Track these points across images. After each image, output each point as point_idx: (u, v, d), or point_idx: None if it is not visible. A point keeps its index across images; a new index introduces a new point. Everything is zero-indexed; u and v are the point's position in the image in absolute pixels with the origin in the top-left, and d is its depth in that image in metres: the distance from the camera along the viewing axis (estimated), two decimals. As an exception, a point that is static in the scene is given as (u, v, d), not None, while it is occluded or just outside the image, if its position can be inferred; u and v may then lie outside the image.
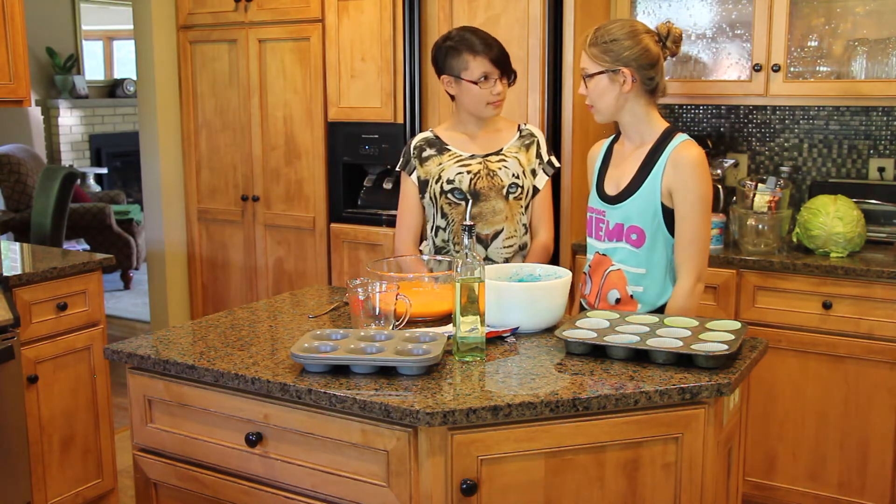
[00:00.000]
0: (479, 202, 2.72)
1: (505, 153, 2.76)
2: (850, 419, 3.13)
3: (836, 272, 3.06)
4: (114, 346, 2.20)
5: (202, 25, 4.35)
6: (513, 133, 2.80)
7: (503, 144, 2.78)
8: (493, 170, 2.72)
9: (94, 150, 9.13)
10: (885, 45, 3.32)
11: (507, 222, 2.74)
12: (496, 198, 2.72)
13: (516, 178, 2.73)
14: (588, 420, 1.83)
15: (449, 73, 2.70)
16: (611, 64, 2.31)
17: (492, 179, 2.72)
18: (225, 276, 4.50)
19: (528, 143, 2.80)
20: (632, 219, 2.37)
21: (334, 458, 1.90)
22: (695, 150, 2.32)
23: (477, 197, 2.72)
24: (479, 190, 2.72)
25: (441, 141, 2.80)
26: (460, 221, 2.74)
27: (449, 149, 2.78)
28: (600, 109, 2.38)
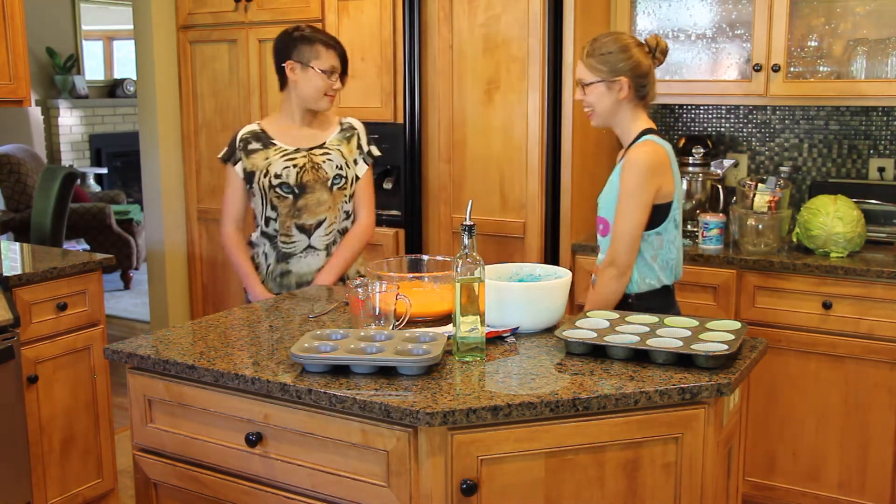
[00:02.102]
0: (305, 194, 2.87)
1: (328, 146, 2.92)
2: (850, 419, 3.13)
3: (836, 272, 3.06)
4: (114, 346, 2.20)
5: (202, 25, 4.35)
6: (334, 127, 2.97)
7: (326, 138, 2.93)
8: (318, 163, 2.88)
9: (94, 150, 9.13)
10: (885, 45, 3.32)
11: (330, 212, 2.92)
12: (321, 190, 2.89)
13: (340, 169, 2.90)
14: (588, 420, 1.83)
15: (298, 59, 2.82)
16: (607, 74, 2.51)
17: (317, 172, 2.87)
18: (225, 276, 4.49)
19: (348, 136, 2.96)
20: (600, 211, 2.60)
21: (334, 458, 1.90)
22: (645, 148, 2.50)
23: (304, 190, 2.87)
24: (306, 183, 2.87)
25: (267, 135, 2.92)
26: (287, 214, 2.89)
27: (274, 143, 2.90)
28: (598, 114, 2.58)
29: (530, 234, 3.59)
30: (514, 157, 3.59)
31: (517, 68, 3.53)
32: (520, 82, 3.53)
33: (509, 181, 3.62)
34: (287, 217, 2.89)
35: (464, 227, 2.03)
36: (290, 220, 2.89)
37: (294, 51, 2.83)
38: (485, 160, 3.66)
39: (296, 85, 2.85)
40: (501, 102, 3.59)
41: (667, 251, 2.55)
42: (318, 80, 2.83)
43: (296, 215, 2.89)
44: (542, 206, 3.55)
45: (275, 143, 2.90)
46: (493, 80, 3.59)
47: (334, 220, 2.93)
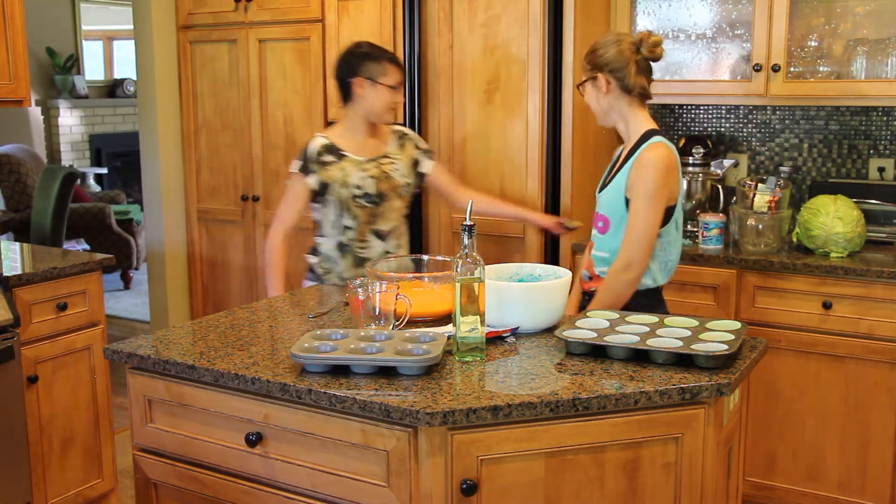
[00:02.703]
0: (383, 203, 3.00)
1: (391, 155, 3.04)
2: (850, 419, 3.13)
3: (836, 272, 3.06)
4: (114, 346, 2.20)
5: (202, 25, 4.35)
6: (389, 136, 3.08)
7: (387, 148, 3.05)
8: (388, 172, 3.01)
9: (94, 150, 9.13)
10: (885, 45, 3.32)
11: (399, 221, 3.09)
12: (394, 197, 3.03)
13: (405, 177, 3.04)
14: (588, 420, 1.83)
15: (366, 75, 2.93)
16: (590, 71, 2.57)
17: (390, 181, 3.01)
18: (225, 276, 4.50)
19: (403, 143, 3.09)
20: (601, 208, 2.60)
21: (334, 458, 1.90)
22: (659, 151, 2.49)
23: (382, 198, 3.00)
24: (383, 192, 3.00)
25: (337, 148, 3.00)
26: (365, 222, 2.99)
27: (346, 155, 2.99)
28: (596, 113, 2.63)
29: (530, 234, 3.59)
30: (514, 157, 3.59)
31: (517, 68, 3.53)
32: (520, 82, 3.53)
33: (509, 181, 3.62)
34: (365, 224, 3.00)
35: (464, 227, 2.03)
36: (368, 227, 3.01)
37: (362, 68, 2.93)
38: (485, 160, 3.66)
39: (364, 100, 2.95)
40: (501, 102, 3.59)
41: (666, 253, 2.56)
42: (387, 95, 2.94)
43: (372, 222, 3.01)
44: (542, 206, 3.55)
45: (346, 154, 2.98)
46: (493, 80, 3.60)
47: (400, 223, 3.09)
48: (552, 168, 3.54)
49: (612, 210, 2.55)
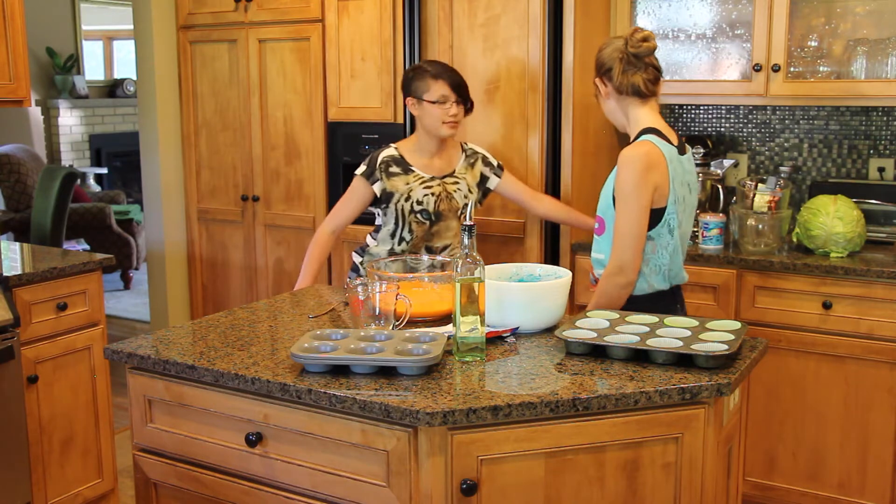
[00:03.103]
0: (440, 222, 3.07)
1: (457, 175, 3.10)
2: (850, 419, 3.13)
3: (836, 272, 3.06)
4: (114, 346, 2.20)
5: (202, 25, 4.35)
6: (459, 154, 3.14)
7: (454, 166, 3.11)
8: (450, 192, 3.07)
9: (94, 150, 9.13)
10: (885, 45, 3.32)
11: (455, 238, 3.13)
12: (452, 218, 3.09)
13: (466, 198, 3.10)
14: (588, 420, 1.83)
15: (413, 95, 3.02)
16: (594, 78, 2.58)
17: (450, 202, 3.07)
18: (225, 276, 4.50)
19: (472, 162, 3.15)
20: (598, 209, 2.59)
21: (334, 458, 1.90)
22: (638, 149, 2.44)
23: (439, 217, 3.06)
24: (441, 211, 3.06)
25: (406, 161, 3.07)
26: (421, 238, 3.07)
27: (413, 170, 3.06)
28: (607, 115, 2.63)
29: (530, 234, 3.59)
30: (513, 157, 3.59)
31: (517, 68, 3.53)
32: (520, 82, 3.53)
33: (509, 181, 3.61)
34: (420, 240, 3.09)
35: (464, 227, 2.03)
36: (423, 242, 3.09)
37: (411, 87, 3.04)
38: (485, 160, 3.66)
39: (419, 119, 3.05)
40: (501, 102, 3.59)
41: (659, 256, 2.48)
42: (434, 111, 2.98)
43: (428, 238, 3.09)
44: (542, 206, 3.55)
45: (413, 169, 3.06)
46: (493, 80, 3.60)
47: (456, 243, 3.13)
48: (552, 168, 3.54)
49: (604, 210, 2.53)
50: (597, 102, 2.65)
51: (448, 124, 3.00)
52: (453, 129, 3.03)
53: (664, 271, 2.51)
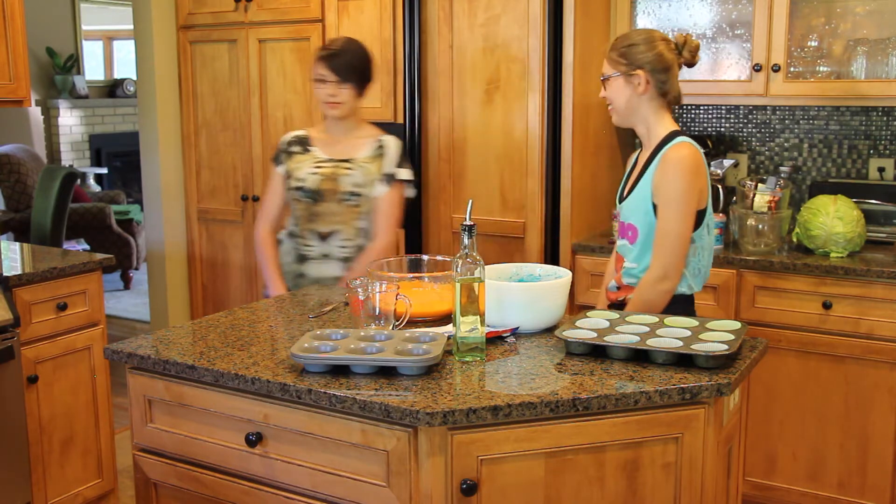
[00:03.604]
0: (321, 202, 2.97)
1: (357, 161, 2.99)
2: (850, 419, 3.13)
3: (836, 272, 3.06)
4: (114, 346, 2.20)
5: (202, 25, 4.35)
6: (371, 144, 3.02)
7: (358, 153, 3.00)
8: (339, 175, 2.96)
9: (94, 150, 9.13)
10: (885, 45, 3.32)
11: (343, 225, 2.99)
12: (333, 201, 2.97)
13: (358, 186, 2.96)
14: (588, 420, 1.83)
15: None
16: (627, 67, 2.43)
17: (335, 184, 2.96)
18: (225, 276, 4.50)
19: (379, 155, 3.01)
20: (629, 217, 2.49)
21: (334, 458, 1.90)
22: (683, 151, 2.39)
23: (320, 197, 2.97)
24: (323, 191, 2.97)
25: (308, 141, 3.06)
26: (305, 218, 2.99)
27: (311, 149, 3.03)
28: (617, 110, 2.50)
29: (530, 234, 3.59)
30: (514, 157, 3.59)
31: (517, 68, 3.53)
32: (520, 82, 3.53)
33: (509, 181, 3.62)
34: (305, 220, 3.00)
35: (464, 227, 2.03)
36: (308, 223, 3.00)
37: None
38: (485, 160, 3.66)
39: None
40: (501, 102, 3.59)
41: (699, 258, 2.47)
42: (318, 91, 2.96)
43: (312, 220, 2.99)
44: (542, 206, 3.55)
45: (312, 149, 3.03)
46: (493, 80, 3.60)
47: (350, 235, 2.99)
48: (552, 168, 3.54)
49: (640, 218, 2.44)
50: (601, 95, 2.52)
51: (328, 105, 2.95)
52: (334, 109, 2.96)
53: (703, 273, 2.51)
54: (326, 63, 2.94)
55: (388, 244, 3.00)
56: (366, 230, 3.00)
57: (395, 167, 3.00)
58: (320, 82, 2.94)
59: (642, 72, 2.41)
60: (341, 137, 3.03)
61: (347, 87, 2.94)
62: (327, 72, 2.93)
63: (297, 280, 3.04)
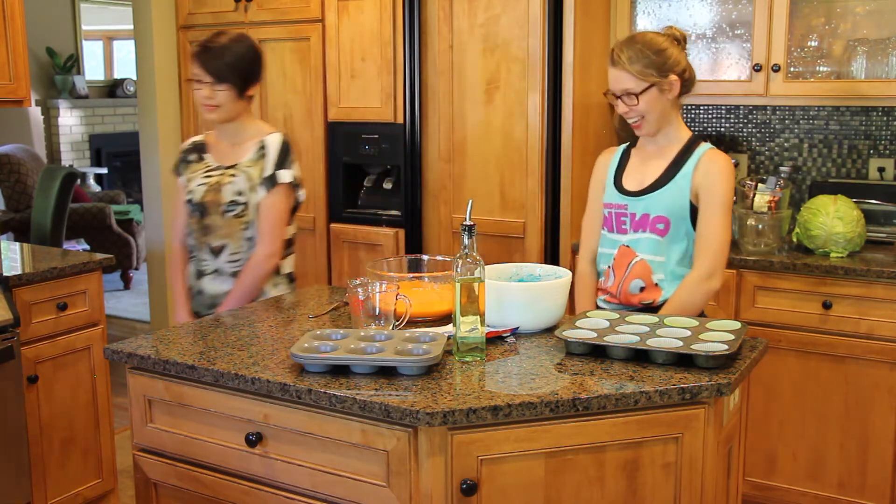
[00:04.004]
0: (207, 215, 2.75)
1: (240, 167, 2.74)
2: (850, 419, 3.13)
3: (836, 272, 3.06)
4: (114, 346, 2.20)
5: (202, 25, 4.35)
6: (254, 145, 2.75)
7: (242, 157, 2.75)
8: (223, 185, 2.72)
9: (94, 150, 9.13)
10: (885, 45, 3.32)
11: (229, 239, 2.74)
12: (216, 214, 2.73)
13: (239, 195, 2.71)
14: (588, 420, 1.83)
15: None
16: (658, 76, 2.39)
17: (217, 195, 2.72)
18: (225, 276, 4.49)
19: (261, 157, 2.73)
20: (657, 210, 2.47)
21: (334, 458, 1.90)
22: (723, 158, 2.46)
23: (205, 210, 2.74)
24: (206, 204, 2.74)
25: (204, 148, 2.84)
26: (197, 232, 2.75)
27: (205, 157, 2.81)
28: (651, 121, 2.45)
29: (530, 234, 3.59)
30: (514, 157, 3.59)
31: (517, 68, 3.53)
32: (520, 82, 3.53)
33: (509, 181, 3.62)
34: (198, 234, 2.78)
35: (464, 227, 2.03)
36: (201, 237, 2.78)
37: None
38: (485, 160, 3.66)
39: None
40: (501, 102, 3.59)
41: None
42: (194, 92, 2.74)
43: (204, 234, 2.77)
44: (542, 206, 3.55)
45: (205, 157, 2.82)
46: (493, 80, 3.60)
47: (237, 248, 2.75)
48: (552, 168, 3.54)
49: (674, 211, 2.44)
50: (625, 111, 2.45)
51: (204, 107, 2.71)
52: (211, 112, 2.71)
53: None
54: (200, 62, 2.68)
55: (269, 254, 2.72)
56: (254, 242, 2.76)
57: (276, 169, 2.71)
58: (196, 82, 2.69)
59: (674, 76, 2.40)
60: (227, 141, 2.79)
61: (224, 88, 2.67)
62: (201, 71, 2.67)
63: (196, 297, 2.82)
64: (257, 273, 2.72)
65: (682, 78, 2.42)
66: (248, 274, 2.72)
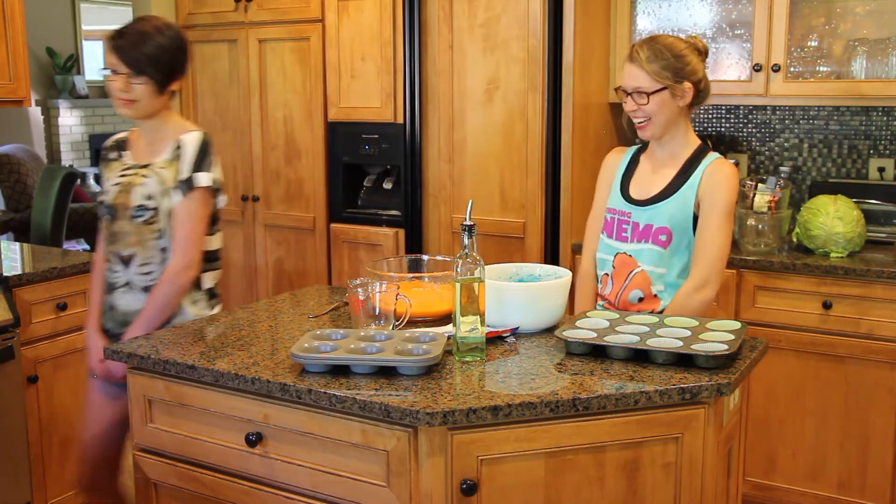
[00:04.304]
0: (116, 220, 2.51)
1: (154, 168, 2.49)
2: (850, 419, 3.13)
3: (836, 272, 3.06)
4: (114, 346, 2.20)
5: (202, 25, 4.35)
6: (170, 145, 2.50)
7: (157, 157, 2.51)
8: (133, 186, 2.48)
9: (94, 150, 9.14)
10: (885, 45, 3.32)
11: (139, 247, 2.49)
12: (124, 218, 2.49)
13: (148, 199, 2.46)
14: (588, 420, 1.83)
15: None
16: (673, 80, 2.37)
17: (126, 197, 2.48)
18: (225, 276, 4.48)
19: (177, 157, 2.48)
20: (661, 221, 2.43)
21: (334, 458, 1.90)
22: (729, 167, 2.43)
23: (115, 213, 2.50)
24: (115, 206, 2.50)
25: (124, 145, 2.61)
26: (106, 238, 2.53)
27: (123, 155, 2.58)
28: (658, 124, 2.41)
29: (530, 234, 3.59)
30: (514, 157, 3.59)
31: (517, 68, 3.53)
32: (520, 82, 3.53)
33: (509, 181, 3.62)
34: (107, 241, 2.54)
35: (464, 227, 2.03)
36: (110, 245, 2.54)
37: None
38: (485, 160, 3.66)
39: None
40: (501, 102, 3.59)
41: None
42: (109, 83, 2.47)
43: (113, 241, 2.52)
44: (542, 206, 3.55)
45: (124, 155, 2.57)
46: (493, 80, 3.60)
47: (148, 259, 2.50)
48: (552, 168, 3.54)
49: (677, 223, 2.41)
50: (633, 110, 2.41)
51: (119, 101, 2.47)
52: (126, 107, 2.47)
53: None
54: (116, 49, 2.42)
55: (184, 266, 2.46)
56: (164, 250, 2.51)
57: (193, 171, 2.46)
58: (111, 72, 2.44)
59: (689, 83, 2.38)
60: (147, 137, 2.54)
61: (142, 81, 2.43)
62: (116, 60, 2.42)
63: (108, 313, 2.58)
64: (170, 288, 2.46)
65: (696, 87, 2.40)
66: (160, 288, 2.47)
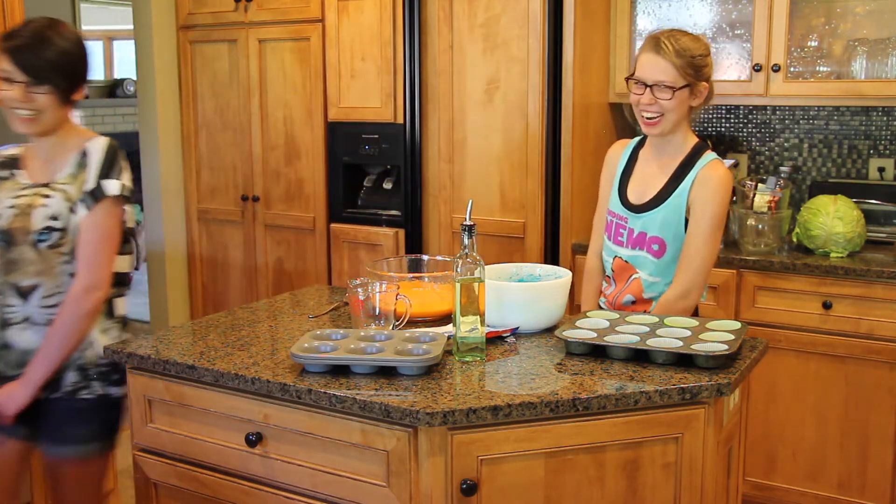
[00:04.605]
0: (13, 246, 2.21)
1: (55, 185, 2.22)
2: (850, 419, 3.13)
3: (836, 272, 3.06)
4: (114, 346, 2.20)
5: (202, 25, 4.35)
6: (73, 157, 2.24)
7: (59, 173, 2.24)
8: (34, 207, 2.19)
9: (93, 150, 9.12)
10: (885, 45, 3.32)
11: (44, 277, 2.21)
12: (25, 244, 2.20)
13: (54, 219, 2.18)
14: (588, 420, 1.83)
15: None
16: (694, 78, 2.33)
17: (25, 220, 2.19)
18: (225, 276, 4.49)
19: (82, 168, 2.23)
20: (654, 229, 2.41)
21: (334, 458, 1.90)
22: (721, 171, 2.37)
23: (12, 239, 2.21)
24: (13, 230, 2.20)
25: (16, 162, 2.32)
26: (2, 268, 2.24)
27: (16, 173, 2.29)
28: (670, 121, 2.36)
29: (530, 234, 3.59)
30: (514, 157, 3.59)
31: (517, 68, 3.53)
32: (520, 82, 3.53)
33: (509, 181, 3.62)
34: (2, 272, 2.24)
35: (464, 227, 2.03)
36: (6, 276, 2.24)
37: None
38: (485, 160, 3.66)
39: None
40: (501, 102, 3.59)
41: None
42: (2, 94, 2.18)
43: (9, 271, 2.23)
44: (542, 206, 3.55)
45: (16, 173, 2.29)
46: (493, 80, 3.60)
47: (54, 288, 2.22)
48: (552, 168, 3.54)
49: (669, 231, 2.39)
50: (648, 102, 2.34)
51: (18, 119, 2.19)
52: (28, 124, 2.20)
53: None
54: (12, 56, 2.15)
55: (90, 286, 2.19)
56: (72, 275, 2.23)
57: (100, 179, 2.21)
58: (5, 81, 2.15)
59: (706, 84, 2.36)
60: (44, 152, 2.27)
61: (45, 89, 2.17)
62: (13, 68, 2.14)
63: (4, 353, 2.29)
64: (75, 312, 2.19)
65: (710, 89, 2.39)
66: (62, 315, 2.19)
